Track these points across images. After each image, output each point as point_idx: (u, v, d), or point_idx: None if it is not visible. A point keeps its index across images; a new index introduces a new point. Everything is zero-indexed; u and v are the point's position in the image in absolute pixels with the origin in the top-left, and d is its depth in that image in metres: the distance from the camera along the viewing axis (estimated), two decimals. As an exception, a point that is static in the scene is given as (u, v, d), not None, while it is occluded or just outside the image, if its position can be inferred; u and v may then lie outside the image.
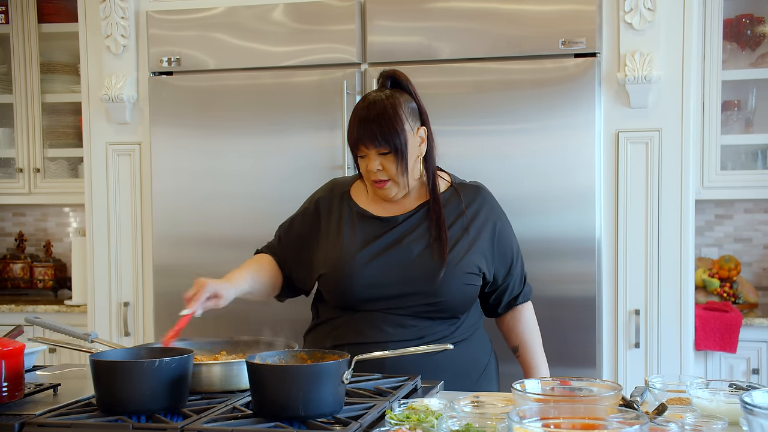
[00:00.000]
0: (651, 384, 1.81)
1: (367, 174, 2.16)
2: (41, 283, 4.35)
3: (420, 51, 3.35)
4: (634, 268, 3.24)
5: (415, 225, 2.19)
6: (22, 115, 4.23)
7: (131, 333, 3.64)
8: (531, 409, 1.36)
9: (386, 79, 2.24)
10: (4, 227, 4.62)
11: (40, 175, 4.21)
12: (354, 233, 2.19)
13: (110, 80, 3.60)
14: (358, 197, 2.27)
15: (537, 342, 2.37)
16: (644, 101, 3.22)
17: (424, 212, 2.20)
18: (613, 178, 3.25)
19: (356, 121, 2.14)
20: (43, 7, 4.26)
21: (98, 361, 1.64)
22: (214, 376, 1.83)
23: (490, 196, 2.30)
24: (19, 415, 1.62)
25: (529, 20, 3.24)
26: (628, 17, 3.21)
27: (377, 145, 2.11)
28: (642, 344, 3.23)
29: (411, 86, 2.24)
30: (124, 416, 1.59)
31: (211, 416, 1.59)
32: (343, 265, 2.15)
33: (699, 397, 1.69)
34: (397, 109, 2.13)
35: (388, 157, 2.12)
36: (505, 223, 2.29)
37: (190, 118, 3.53)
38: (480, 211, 2.24)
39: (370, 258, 2.15)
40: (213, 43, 3.51)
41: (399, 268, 2.13)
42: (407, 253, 2.15)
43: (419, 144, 2.19)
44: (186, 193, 3.52)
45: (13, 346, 1.66)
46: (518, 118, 3.27)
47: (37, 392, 1.80)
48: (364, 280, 2.13)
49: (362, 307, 2.15)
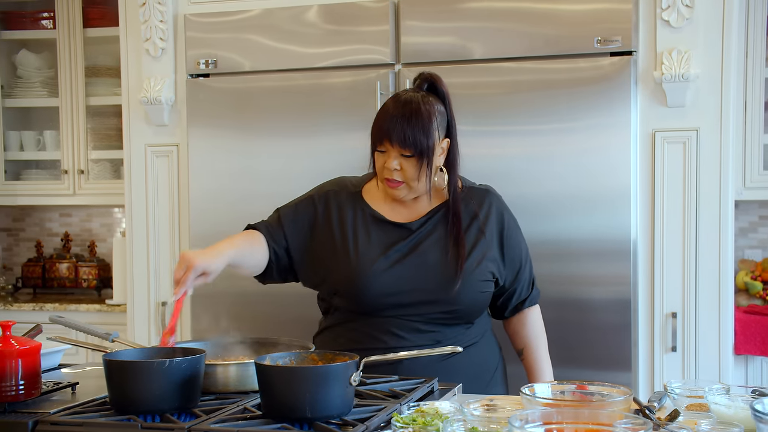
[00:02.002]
0: (670, 389, 1.77)
1: (382, 171, 2.13)
2: (86, 282, 4.43)
3: (454, 51, 3.33)
4: (671, 270, 3.17)
5: (430, 230, 2.17)
6: (67, 118, 4.32)
7: (169, 332, 3.68)
8: (534, 414, 1.35)
9: (424, 81, 2.19)
10: (51, 228, 4.73)
11: (84, 176, 4.29)
12: (369, 239, 2.16)
13: (149, 83, 3.66)
14: (371, 199, 2.24)
15: (542, 346, 2.35)
16: (682, 100, 3.16)
17: (439, 217, 2.18)
18: (650, 179, 3.20)
19: (386, 115, 2.10)
20: (89, 12, 4.35)
21: (110, 360, 1.66)
22: (229, 376, 1.84)
23: (499, 200, 2.27)
24: (35, 413, 1.65)
25: (564, 19, 3.20)
26: (665, 14, 3.15)
27: (402, 146, 2.07)
28: (679, 348, 3.17)
29: (447, 94, 2.20)
30: (136, 416, 1.61)
31: (220, 417, 1.60)
32: (360, 273, 2.12)
33: (717, 403, 1.65)
34: (430, 114, 2.09)
35: (410, 160, 2.09)
36: (513, 227, 2.26)
37: (226, 120, 3.57)
38: (490, 214, 2.22)
39: (387, 266, 2.13)
40: (248, 45, 3.54)
41: (416, 277, 2.12)
42: (423, 261, 2.13)
43: (440, 154, 2.16)
44: (222, 194, 3.56)
45: (29, 345, 1.69)
46: (553, 119, 3.23)
47: (55, 390, 1.83)
48: (380, 288, 2.11)
49: (377, 314, 2.14)
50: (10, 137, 4.47)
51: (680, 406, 1.73)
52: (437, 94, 2.19)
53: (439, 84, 2.20)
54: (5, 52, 4.50)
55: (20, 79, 4.50)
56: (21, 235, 4.79)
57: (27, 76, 4.48)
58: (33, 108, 4.53)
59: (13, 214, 4.78)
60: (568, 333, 3.19)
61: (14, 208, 4.71)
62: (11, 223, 4.80)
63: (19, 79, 4.50)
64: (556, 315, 3.20)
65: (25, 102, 4.48)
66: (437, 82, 2.20)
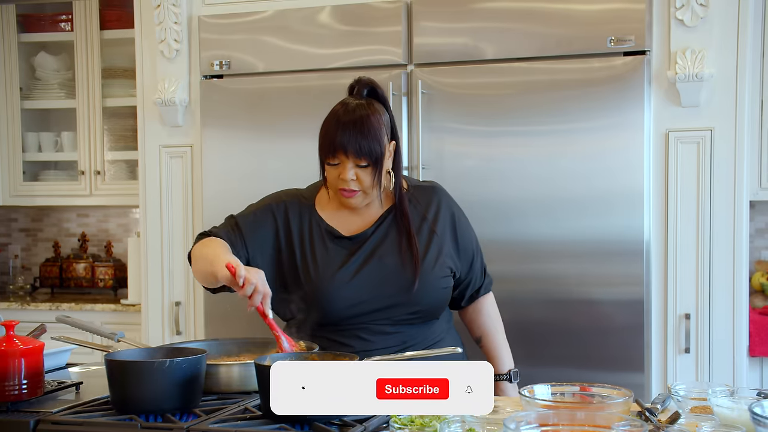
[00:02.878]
0: (674, 391, 1.76)
1: (337, 182, 2.13)
2: (102, 282, 4.47)
3: (466, 51, 3.32)
4: (684, 271, 3.15)
5: (383, 235, 2.19)
6: (83, 119, 4.36)
7: (182, 332, 3.70)
8: (529, 416, 1.34)
9: (363, 87, 2.20)
10: (69, 228, 4.77)
11: (100, 177, 4.33)
12: (327, 253, 2.17)
13: (163, 84, 3.68)
14: (323, 210, 2.24)
15: (500, 332, 2.39)
16: (696, 100, 3.13)
17: (390, 220, 2.21)
18: (663, 179, 3.17)
19: (336, 126, 2.10)
20: (105, 14, 4.38)
21: (111, 360, 1.67)
22: (232, 376, 1.85)
23: (446, 195, 2.31)
24: (37, 412, 1.66)
25: (577, 19, 3.19)
26: (679, 13, 3.13)
27: (358, 156, 2.08)
28: (693, 349, 3.14)
29: (386, 97, 2.23)
30: (136, 416, 1.62)
31: (220, 417, 1.61)
32: (322, 289, 2.13)
33: (719, 405, 1.63)
34: (380, 121, 2.11)
35: (366, 170, 2.10)
36: (463, 219, 2.31)
37: (240, 121, 3.58)
38: (439, 210, 2.25)
39: (348, 279, 2.14)
40: (262, 46, 3.55)
41: (376, 283, 2.14)
42: (382, 267, 2.16)
43: (388, 157, 2.17)
44: (235, 194, 3.55)
45: (32, 345, 1.71)
46: (566, 119, 3.22)
47: (59, 390, 1.85)
48: (344, 301, 2.14)
49: (342, 322, 2.16)
50: (29, 138, 4.51)
51: (684, 409, 1.72)
52: (378, 99, 2.20)
53: (377, 88, 2.22)
54: (24, 55, 4.54)
55: (39, 81, 4.54)
56: (39, 235, 4.83)
57: (45, 78, 4.52)
58: (51, 109, 4.57)
59: (32, 215, 4.82)
60: (580, 333, 3.18)
61: (33, 208, 4.75)
62: (30, 223, 4.85)
63: (37, 81, 4.55)
64: (569, 315, 3.20)
65: (44, 104, 4.52)
66: (376, 86, 2.22)
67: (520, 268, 3.22)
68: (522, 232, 3.24)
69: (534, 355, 3.22)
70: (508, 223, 3.22)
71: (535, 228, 3.23)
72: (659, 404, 1.70)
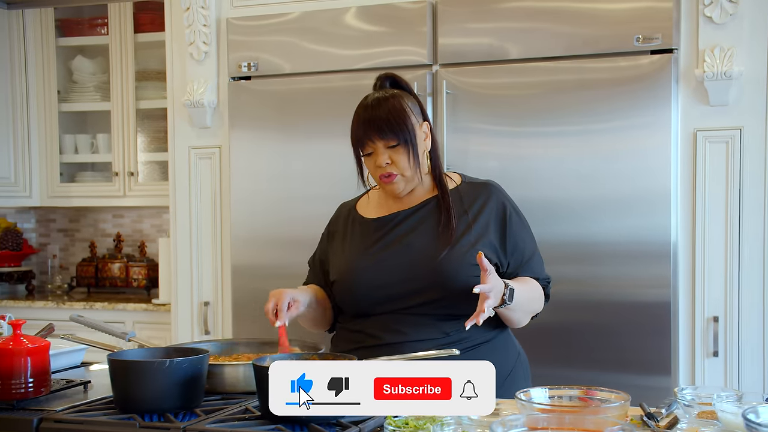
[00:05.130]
0: (680, 396, 1.73)
1: (375, 170, 2.15)
2: (136, 282, 4.53)
3: (491, 52, 3.31)
4: (712, 274, 3.09)
5: (420, 221, 2.17)
6: (118, 121, 4.42)
7: (211, 332, 3.74)
8: (517, 420, 1.33)
9: (385, 80, 2.23)
10: (105, 228, 4.84)
11: (133, 178, 4.39)
12: (354, 240, 2.22)
13: (192, 86, 3.72)
14: (362, 209, 2.29)
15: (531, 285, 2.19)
16: (724, 98, 3.08)
17: (430, 207, 2.18)
18: (691, 179, 3.12)
19: (360, 120, 2.14)
20: (139, 17, 4.44)
21: (114, 360, 1.69)
22: (238, 376, 1.86)
23: (499, 191, 2.24)
24: (42, 411, 1.69)
25: (603, 18, 3.16)
26: (707, 11, 3.08)
27: (384, 137, 2.10)
28: (721, 353, 3.09)
29: (410, 86, 2.24)
30: (138, 415, 1.63)
31: (219, 417, 1.62)
32: (346, 272, 2.17)
33: (723, 410, 1.60)
34: (402, 103, 2.13)
35: (397, 150, 2.11)
36: (515, 216, 2.21)
37: (267, 121, 3.61)
38: (486, 205, 2.18)
39: (371, 261, 2.15)
40: (289, 48, 3.57)
41: (402, 266, 2.12)
42: (407, 249, 2.14)
43: (424, 138, 2.17)
44: (263, 195, 3.60)
45: (38, 344, 1.74)
46: (592, 118, 3.19)
47: (66, 389, 1.88)
48: (367, 282, 2.13)
49: (374, 311, 2.14)
50: (66, 140, 4.59)
51: (691, 414, 1.69)
52: (401, 88, 2.22)
53: (399, 79, 2.23)
54: (62, 59, 4.62)
55: (76, 84, 4.62)
56: (76, 235, 4.92)
57: (82, 81, 4.60)
58: (87, 112, 4.65)
59: (70, 215, 4.91)
60: (606, 336, 3.14)
61: (71, 209, 4.84)
62: (68, 223, 4.93)
63: (74, 84, 4.62)
64: (594, 317, 3.17)
65: (80, 106, 4.60)
66: (397, 77, 2.24)
67: (544, 270, 3.18)
68: (546, 233, 3.19)
69: (560, 357, 3.20)
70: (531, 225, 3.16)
71: (559, 229, 3.20)
72: (664, 408, 1.66)
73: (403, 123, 2.10)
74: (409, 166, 2.12)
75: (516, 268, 2.18)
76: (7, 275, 4.64)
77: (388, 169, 2.12)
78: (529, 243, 2.23)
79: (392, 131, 2.09)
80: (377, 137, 2.11)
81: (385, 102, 2.13)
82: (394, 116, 2.10)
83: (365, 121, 2.12)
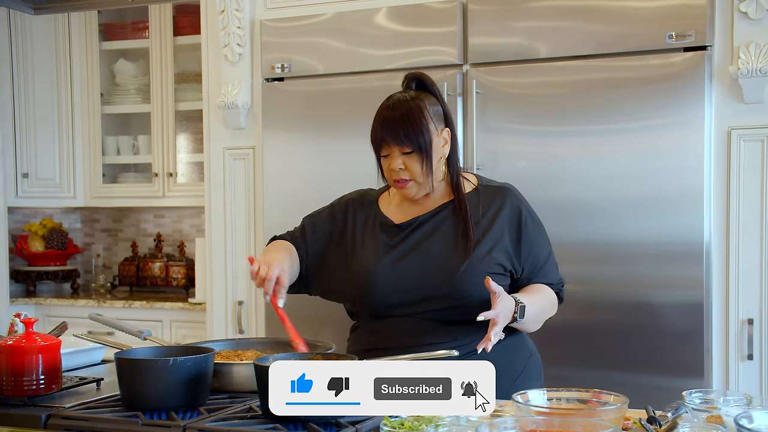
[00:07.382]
0: (688, 400, 1.69)
1: (389, 173, 2.14)
2: (175, 281, 4.59)
3: (521, 51, 3.28)
4: (747, 275, 3.03)
5: (437, 225, 2.16)
6: (157, 123, 4.49)
7: (245, 330, 3.77)
8: (505, 423, 1.32)
9: (411, 80, 2.21)
10: (146, 228, 4.92)
11: (172, 179, 4.45)
12: (374, 242, 2.19)
13: (226, 87, 3.76)
14: (384, 206, 2.26)
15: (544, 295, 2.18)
16: (760, 96, 3.02)
17: (447, 212, 2.17)
18: (725, 179, 3.06)
19: (380, 121, 2.13)
20: (179, 20, 4.51)
21: (120, 358, 1.72)
22: (243, 375, 1.87)
23: (515, 195, 2.21)
24: (51, 407, 1.73)
25: (634, 16, 3.11)
26: (743, 6, 3.02)
27: (400, 144, 2.09)
28: (756, 356, 3.02)
29: (436, 88, 2.21)
30: (142, 413, 1.66)
31: (220, 416, 1.64)
32: (363, 274, 2.15)
33: (729, 414, 1.56)
34: (421, 109, 2.10)
35: (411, 157, 2.10)
36: (531, 221, 2.18)
37: (300, 122, 3.63)
38: (502, 209, 2.16)
39: (389, 265, 2.13)
40: (321, 49, 3.59)
41: (420, 271, 2.10)
42: (427, 255, 2.12)
43: (443, 145, 2.15)
44: (296, 195, 3.62)
45: (50, 342, 1.78)
46: (623, 118, 3.15)
47: (79, 386, 1.91)
48: (384, 287, 2.12)
49: (389, 314, 2.14)
50: (108, 142, 4.68)
51: (699, 418, 1.65)
52: (427, 91, 2.19)
53: (426, 80, 2.20)
54: (105, 62, 4.71)
55: (118, 87, 4.70)
56: (119, 235, 5.01)
57: (124, 83, 4.68)
58: (129, 114, 4.73)
59: (113, 216, 5.00)
60: (638, 337, 3.10)
61: (114, 209, 4.93)
62: (111, 224, 5.03)
63: (117, 87, 4.71)
64: (626, 319, 3.12)
65: (122, 108, 4.68)
66: (424, 79, 2.21)
67: (574, 271, 3.13)
68: (577, 233, 3.18)
69: (591, 358, 3.16)
70: (563, 225, 3.15)
71: (591, 229, 3.17)
72: (670, 412, 1.63)
73: (419, 130, 2.08)
74: (422, 173, 2.11)
75: (530, 273, 2.18)
76: (52, 274, 4.75)
77: (402, 175, 2.12)
78: (544, 247, 2.21)
79: (408, 137, 2.09)
80: (393, 142, 2.10)
81: (406, 105, 2.11)
82: (411, 122, 2.08)
83: (383, 123, 2.12)
